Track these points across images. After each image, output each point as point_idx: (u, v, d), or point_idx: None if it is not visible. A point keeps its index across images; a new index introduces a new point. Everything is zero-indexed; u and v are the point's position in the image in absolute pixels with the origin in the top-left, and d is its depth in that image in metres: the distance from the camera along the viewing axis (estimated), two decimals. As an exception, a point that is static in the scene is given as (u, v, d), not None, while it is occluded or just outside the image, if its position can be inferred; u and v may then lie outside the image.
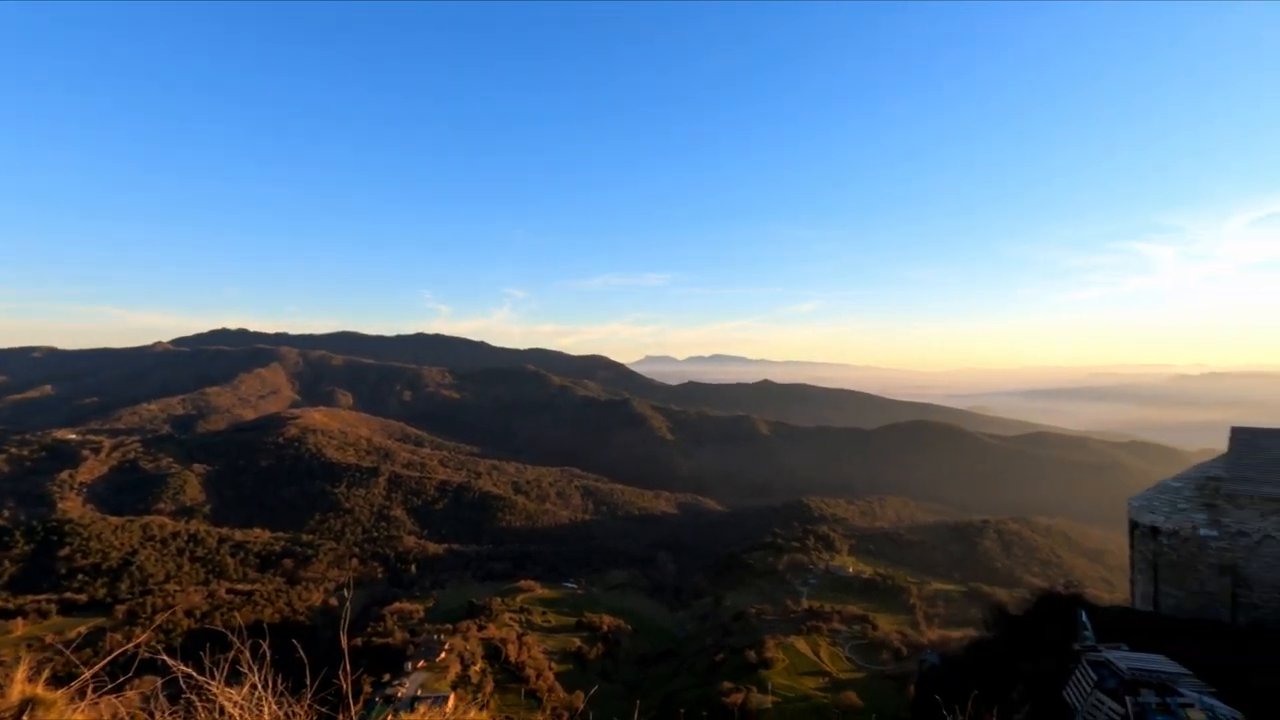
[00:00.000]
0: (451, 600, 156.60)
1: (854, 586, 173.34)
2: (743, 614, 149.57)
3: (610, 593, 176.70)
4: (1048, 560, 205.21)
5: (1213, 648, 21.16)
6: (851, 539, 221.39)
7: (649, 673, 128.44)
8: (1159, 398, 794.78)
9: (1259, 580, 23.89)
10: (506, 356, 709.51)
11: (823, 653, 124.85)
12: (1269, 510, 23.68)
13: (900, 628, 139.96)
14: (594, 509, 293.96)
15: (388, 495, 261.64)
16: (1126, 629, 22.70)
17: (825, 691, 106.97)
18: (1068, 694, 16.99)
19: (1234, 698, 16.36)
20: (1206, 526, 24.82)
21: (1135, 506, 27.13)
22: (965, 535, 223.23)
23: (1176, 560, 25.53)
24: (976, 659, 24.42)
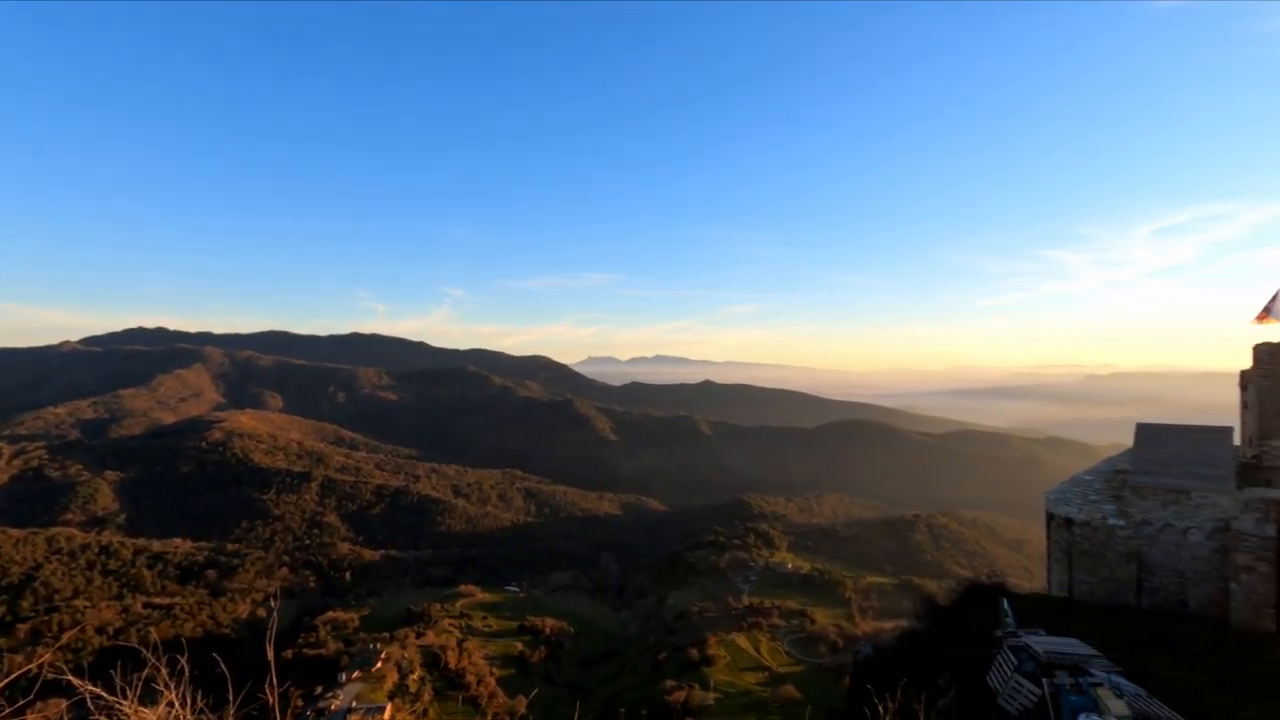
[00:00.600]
0: (389, 608, 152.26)
1: (793, 582, 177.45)
2: (685, 612, 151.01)
3: (553, 595, 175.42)
4: (974, 551, 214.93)
5: (1120, 629, 22.65)
6: (791, 536, 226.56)
7: (592, 674, 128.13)
8: (1073, 396, 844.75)
9: (1160, 566, 25.66)
10: (446, 357, 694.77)
11: (763, 648, 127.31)
12: (1169, 501, 25.48)
13: (837, 621, 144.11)
14: (536, 511, 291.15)
15: (320, 501, 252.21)
16: (1044, 614, 24.02)
17: (765, 686, 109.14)
18: (990, 678, 17.84)
19: (1137, 674, 17.54)
20: (1115, 517, 26.51)
21: (1051, 499, 28.73)
22: (898, 529, 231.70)
23: (1088, 549, 27.15)
24: (907, 648, 25.35)
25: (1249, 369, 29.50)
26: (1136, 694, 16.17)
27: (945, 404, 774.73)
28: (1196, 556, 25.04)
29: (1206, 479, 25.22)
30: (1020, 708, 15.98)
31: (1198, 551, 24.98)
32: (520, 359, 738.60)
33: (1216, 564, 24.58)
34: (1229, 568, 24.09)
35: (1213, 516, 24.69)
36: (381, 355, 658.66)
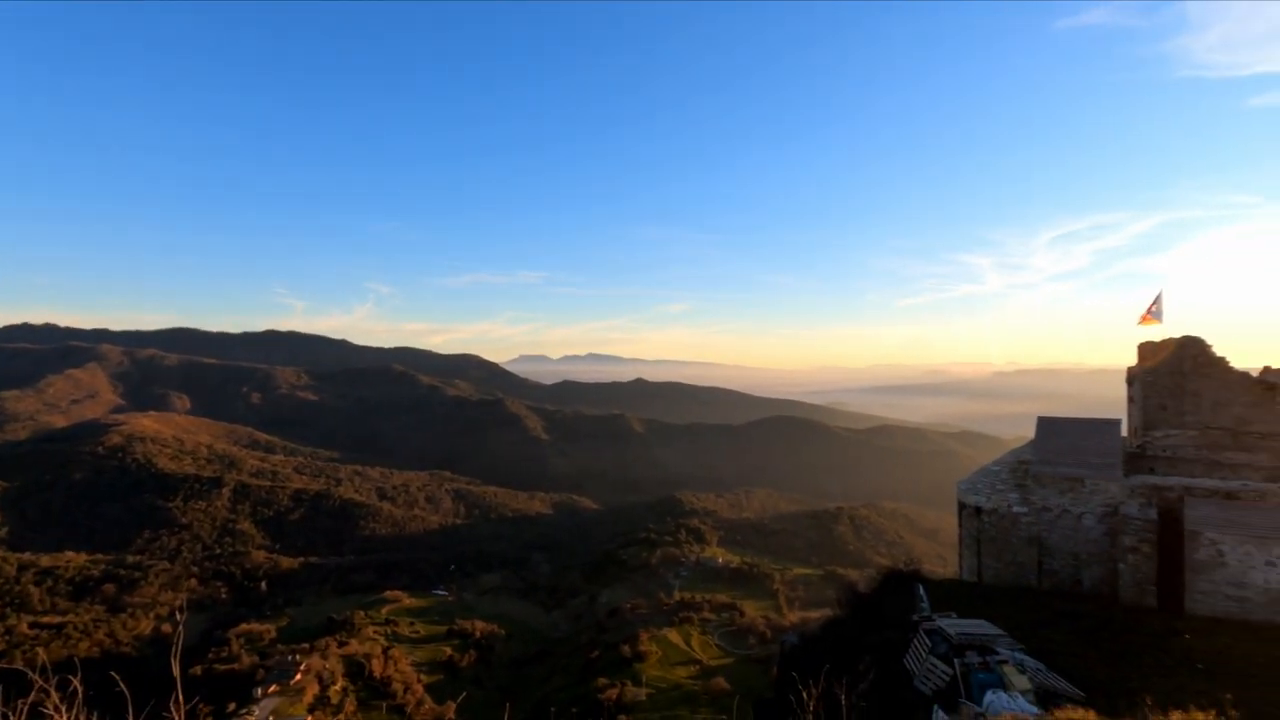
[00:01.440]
0: (309, 617, 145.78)
1: (723, 576, 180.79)
2: (617, 610, 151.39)
3: (483, 598, 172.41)
4: (893, 541, 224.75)
5: (1024, 609, 24.19)
6: (721, 531, 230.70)
7: (524, 676, 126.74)
8: (983, 392, 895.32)
9: (1058, 549, 27.57)
10: (371, 355, 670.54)
11: (694, 642, 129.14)
12: (1065, 488, 27.41)
13: (765, 612, 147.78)
14: (466, 513, 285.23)
15: (233, 507, 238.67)
16: (957, 598, 25.37)
17: (696, 679, 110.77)
18: (907, 661, 18.70)
19: (1038, 651, 18.79)
20: (1018, 504, 28.30)
21: (962, 489, 30.38)
22: (822, 522, 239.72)
23: (995, 535, 28.88)
24: (830, 636, 26.24)
25: (1134, 366, 32.06)
26: (1037, 669, 17.30)
27: (867, 400, 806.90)
28: (1089, 539, 27.04)
29: (1097, 467, 27.27)
30: (934, 687, 16.83)
31: (1090, 535, 26.97)
32: (449, 357, 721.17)
33: (1107, 546, 26.62)
34: (1117, 549, 26.12)
35: (1103, 502, 26.71)
36: (300, 354, 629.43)
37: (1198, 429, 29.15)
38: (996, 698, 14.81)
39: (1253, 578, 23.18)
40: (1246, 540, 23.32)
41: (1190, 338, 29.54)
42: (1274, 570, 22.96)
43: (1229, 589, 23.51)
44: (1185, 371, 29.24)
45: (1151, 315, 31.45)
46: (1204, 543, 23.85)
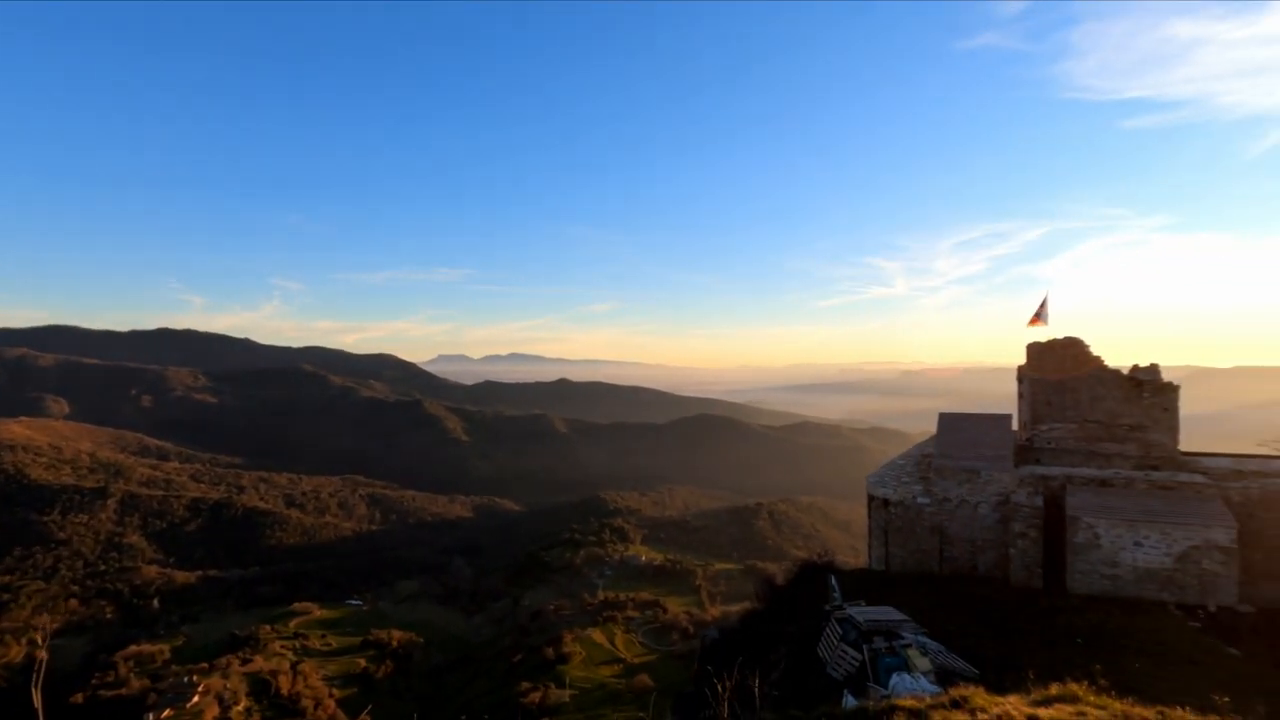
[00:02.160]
0: (207, 634, 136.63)
1: (646, 574, 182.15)
2: (540, 612, 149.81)
3: (401, 606, 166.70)
4: (810, 534, 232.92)
5: (927, 594, 25.60)
6: (644, 529, 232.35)
7: (444, 683, 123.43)
8: (892, 390, 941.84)
9: (957, 537, 29.35)
10: (278, 355, 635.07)
11: (618, 641, 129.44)
12: (963, 480, 29.20)
13: (688, 608, 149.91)
14: (382, 518, 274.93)
15: (120, 520, 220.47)
16: (866, 587, 26.54)
17: (620, 678, 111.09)
18: (820, 649, 19.43)
19: (939, 633, 19.92)
20: (922, 496, 29.93)
21: (871, 482, 31.84)
22: (743, 517, 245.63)
23: (902, 525, 30.44)
24: (748, 628, 26.91)
25: (1024, 364, 34.51)
26: (938, 650, 18.34)
27: (785, 398, 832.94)
28: (985, 527, 28.93)
29: (992, 460, 29.20)
30: (845, 673, 17.56)
31: (985, 522, 28.86)
32: (364, 357, 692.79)
33: (1000, 532, 28.56)
34: (1009, 535, 28.07)
35: (996, 492, 28.64)
36: (198, 353, 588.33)
37: (1077, 422, 31.68)
38: (901, 680, 15.59)
39: (1123, 557, 25.42)
40: (1118, 523, 25.55)
41: (1071, 338, 32.06)
42: (1141, 550, 25.26)
43: (1104, 568, 25.70)
44: (1067, 370, 31.69)
45: (1039, 318, 33.92)
46: (1082, 526, 25.98)
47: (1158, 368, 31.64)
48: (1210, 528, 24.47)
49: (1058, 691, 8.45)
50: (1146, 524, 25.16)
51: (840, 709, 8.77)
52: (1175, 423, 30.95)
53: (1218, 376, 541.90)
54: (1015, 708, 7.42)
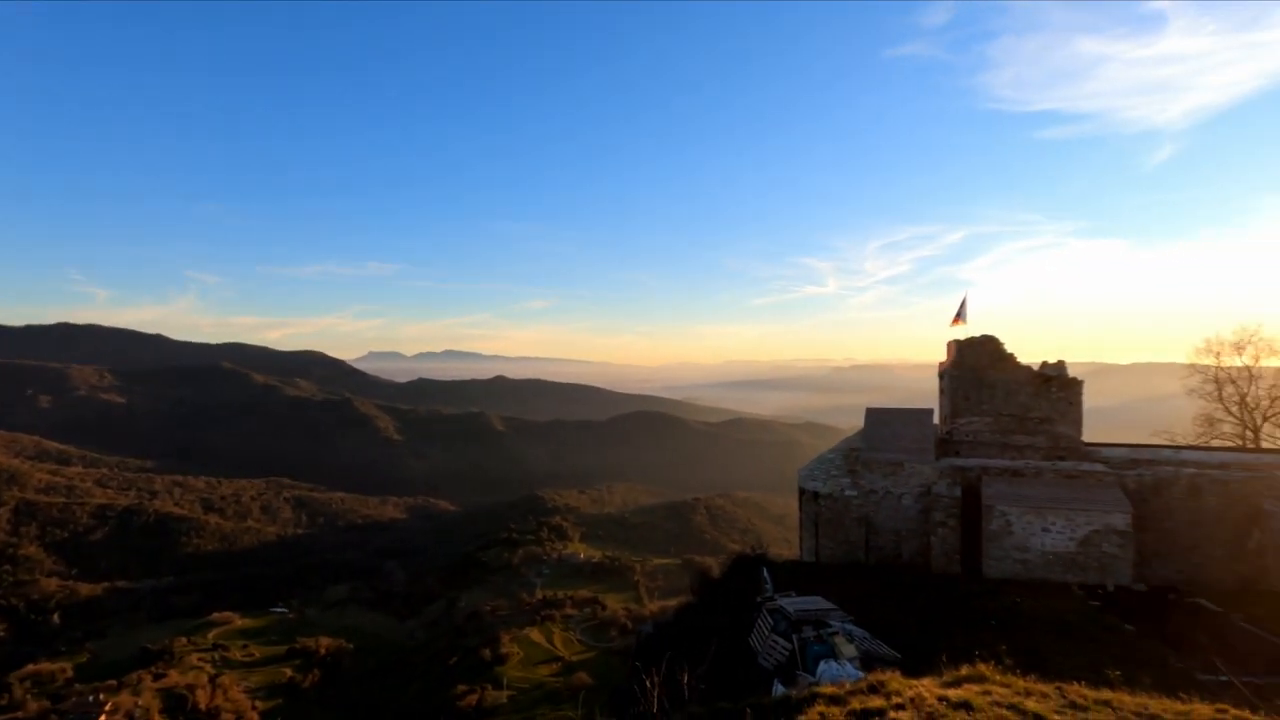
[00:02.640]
0: (116, 650, 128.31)
1: (585, 571, 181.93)
2: (477, 613, 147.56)
3: (329, 612, 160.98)
4: (745, 528, 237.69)
5: (854, 583, 26.51)
6: (583, 527, 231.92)
7: (376, 689, 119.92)
8: (824, 386, 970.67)
9: (882, 527, 30.52)
10: (194, 352, 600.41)
11: (556, 639, 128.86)
12: (888, 472, 30.37)
13: (627, 604, 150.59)
14: (309, 521, 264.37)
15: (14, 529, 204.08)
16: (797, 578, 27.27)
17: (559, 676, 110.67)
18: (752, 640, 19.85)
19: (865, 620, 20.67)
20: (850, 488, 30.97)
21: (802, 476, 32.72)
22: (680, 513, 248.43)
23: (831, 517, 31.43)
24: (683, 622, 27.24)
25: (944, 361, 36.17)
26: (864, 637, 19.02)
27: (721, 395, 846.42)
28: (908, 517, 30.19)
29: (915, 453, 30.48)
30: (775, 662, 18.00)
31: (909, 513, 30.11)
32: (289, 354, 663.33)
33: (922, 522, 29.87)
34: (930, 524, 29.38)
35: (919, 483, 29.91)
36: (104, 350, 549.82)
37: (993, 416, 33.46)
38: (828, 667, 16.10)
39: (1033, 543, 27.02)
40: (1028, 511, 27.14)
41: (987, 336, 33.82)
42: (1049, 535, 26.91)
43: (1015, 553, 27.25)
44: (983, 366, 33.43)
45: (959, 318, 35.62)
46: (996, 515, 27.46)
47: (1064, 364, 33.76)
48: (1109, 513, 26.29)
49: (967, 672, 8.94)
50: (1053, 511, 26.83)
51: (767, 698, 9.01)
52: (1079, 415, 33.11)
53: (1118, 372, 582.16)
54: (928, 690, 7.80)
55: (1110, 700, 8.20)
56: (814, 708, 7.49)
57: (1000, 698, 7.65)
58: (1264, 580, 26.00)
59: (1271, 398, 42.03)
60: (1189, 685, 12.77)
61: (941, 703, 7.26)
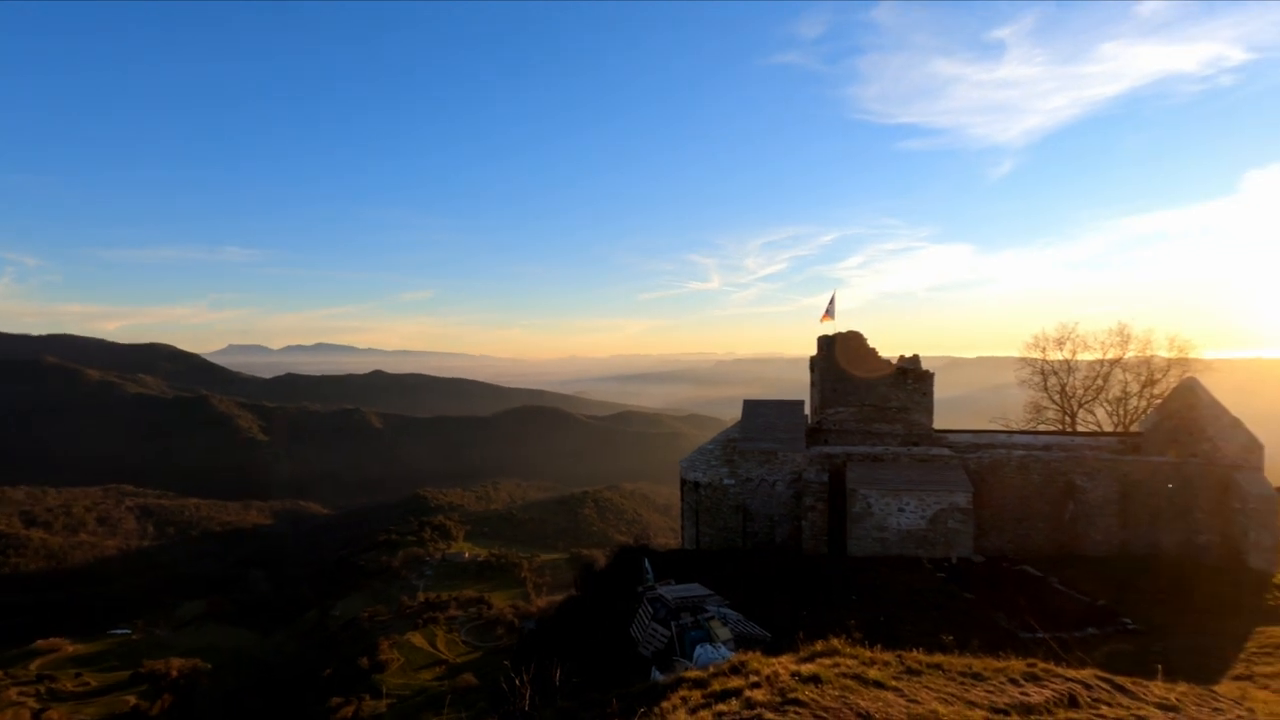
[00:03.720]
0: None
1: (470, 570, 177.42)
2: (354, 621, 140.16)
3: (183, 630, 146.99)
4: (633, 519, 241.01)
5: (731, 568, 27.63)
6: (468, 525, 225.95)
7: (239, 710, 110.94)
8: (708, 379, 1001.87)
9: (757, 513, 32.01)
10: (10, 344, 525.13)
11: (439, 642, 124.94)
12: (763, 460, 31.87)
13: (514, 601, 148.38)
14: (156, 533, 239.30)
15: None
16: (678, 566, 28.03)
17: (442, 680, 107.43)
18: (633, 629, 20.22)
19: (740, 603, 21.60)
20: (728, 477, 32.22)
21: (684, 466, 33.66)
22: (569, 507, 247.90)
23: (711, 506, 32.57)
24: (566, 616, 27.28)
25: (815, 355, 38.40)
26: (738, 620, 19.87)
27: (610, 388, 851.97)
28: (781, 502, 31.85)
29: (787, 442, 32.17)
30: (654, 650, 18.44)
31: (781, 499, 31.77)
32: (132, 347, 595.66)
33: (794, 507, 31.62)
34: (801, 509, 31.18)
35: (790, 470, 31.63)
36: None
37: (857, 406, 35.97)
38: (704, 651, 16.70)
39: (890, 522, 29.35)
40: (886, 493, 29.43)
41: (852, 332, 36.26)
42: (904, 515, 29.32)
43: (875, 532, 29.49)
44: (849, 359, 35.83)
45: (828, 314, 37.90)
46: (859, 498, 29.57)
47: (918, 358, 36.84)
48: (954, 493, 29.06)
49: (821, 647, 9.62)
50: (907, 492, 29.27)
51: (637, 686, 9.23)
52: (931, 405, 36.28)
53: (965, 365, 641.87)
54: (784, 666, 8.31)
55: (941, 663, 9.11)
56: (678, 692, 7.77)
57: (847, 669, 8.29)
58: (1078, 546, 29.77)
59: (1085, 387, 48.12)
60: (1011, 643, 14.41)
61: (794, 678, 7.76)
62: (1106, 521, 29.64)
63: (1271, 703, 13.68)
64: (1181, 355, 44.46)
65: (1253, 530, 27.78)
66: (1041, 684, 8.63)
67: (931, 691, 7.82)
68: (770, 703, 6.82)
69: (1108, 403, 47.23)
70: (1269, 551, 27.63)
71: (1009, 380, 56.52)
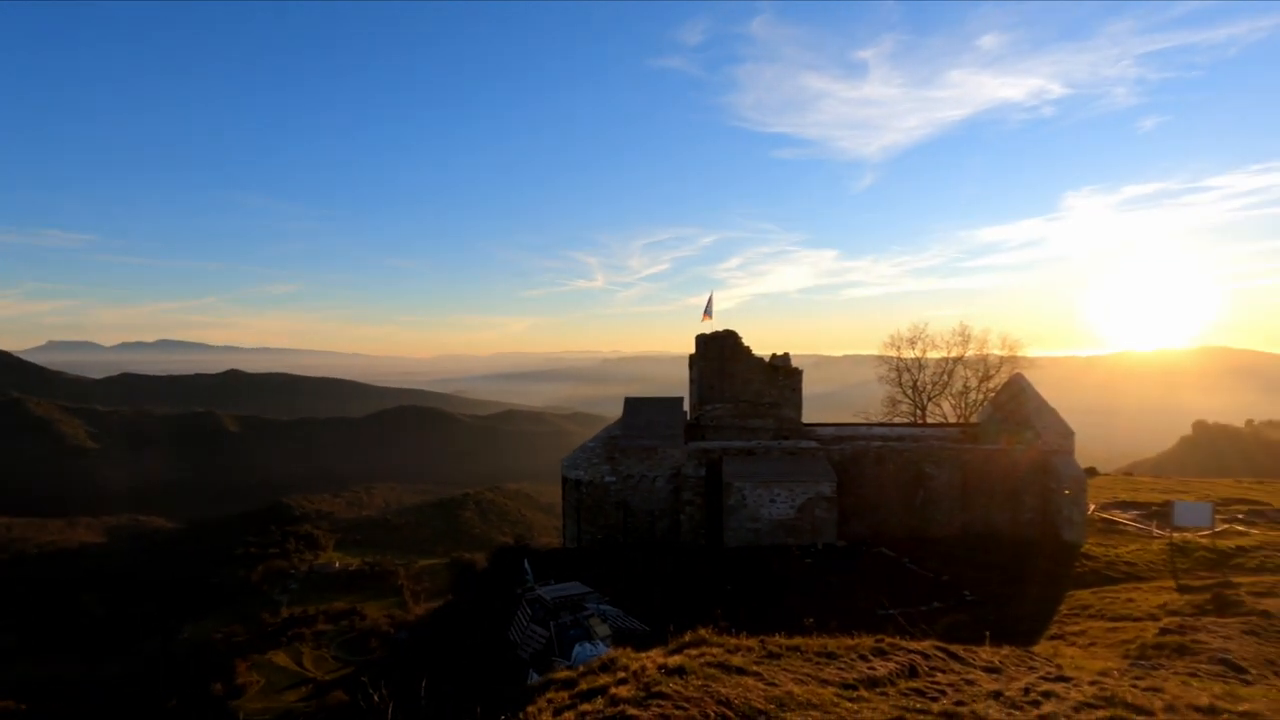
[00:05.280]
0: None
1: (341, 581, 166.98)
2: (206, 643, 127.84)
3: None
4: (516, 520, 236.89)
5: (612, 565, 27.84)
6: (338, 533, 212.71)
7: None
8: (592, 377, 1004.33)
9: (638, 509, 32.47)
10: None
11: (306, 660, 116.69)
12: (643, 457, 32.36)
13: (390, 611, 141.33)
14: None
15: None
16: (559, 565, 27.87)
17: (309, 700, 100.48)
18: (511, 632, 19.86)
19: (619, 599, 21.80)
20: (609, 475, 32.44)
21: (565, 465, 33.51)
22: (448, 510, 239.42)
23: (593, 503, 32.64)
24: (442, 623, 26.38)
25: (694, 353, 39.47)
26: (617, 615, 20.04)
27: (492, 387, 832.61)
28: (661, 497, 32.49)
29: (666, 438, 32.86)
30: (533, 651, 18.22)
31: (661, 494, 32.42)
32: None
33: (673, 501, 32.35)
34: (680, 503, 31.97)
35: (670, 466, 32.34)
36: None
37: (733, 402, 37.35)
38: (582, 649, 16.70)
39: (762, 512, 30.75)
40: (758, 485, 30.79)
41: (728, 331, 37.60)
42: (774, 505, 30.81)
43: (749, 523, 30.79)
44: (725, 357, 37.12)
45: (707, 314, 39.08)
46: (733, 490, 30.74)
47: (789, 356, 38.83)
48: (820, 483, 30.91)
49: (690, 638, 9.91)
50: (778, 484, 30.80)
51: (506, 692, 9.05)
52: (800, 400, 38.33)
53: (832, 363, 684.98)
54: (651, 661, 8.48)
55: (800, 645, 9.68)
56: (545, 694, 7.71)
57: (712, 658, 8.59)
58: (926, 529, 32.62)
59: (933, 382, 52.86)
60: (868, 620, 15.55)
61: (660, 670, 7.93)
62: (950, 505, 32.71)
63: (1078, 657, 15.68)
64: (1012, 353, 50.03)
65: (1066, 507, 31.69)
66: (887, 658, 9.37)
67: (789, 673, 8.26)
68: (634, 698, 6.91)
69: (952, 396, 52.17)
70: (1080, 525, 31.64)
71: (870, 377, 60.82)
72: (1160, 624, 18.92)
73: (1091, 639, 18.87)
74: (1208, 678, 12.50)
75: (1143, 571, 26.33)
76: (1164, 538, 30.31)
